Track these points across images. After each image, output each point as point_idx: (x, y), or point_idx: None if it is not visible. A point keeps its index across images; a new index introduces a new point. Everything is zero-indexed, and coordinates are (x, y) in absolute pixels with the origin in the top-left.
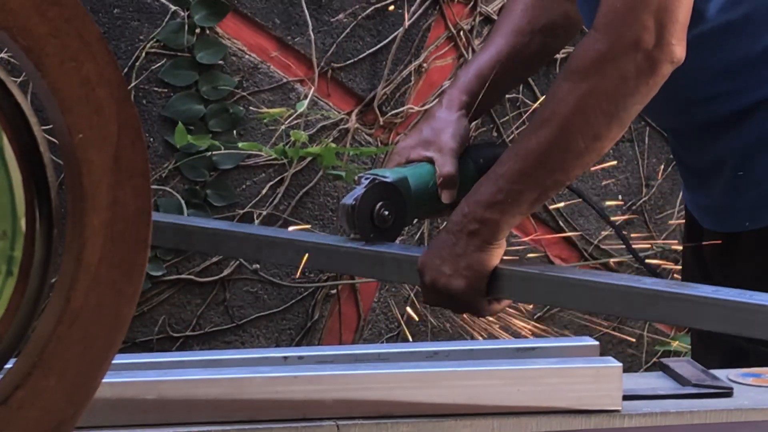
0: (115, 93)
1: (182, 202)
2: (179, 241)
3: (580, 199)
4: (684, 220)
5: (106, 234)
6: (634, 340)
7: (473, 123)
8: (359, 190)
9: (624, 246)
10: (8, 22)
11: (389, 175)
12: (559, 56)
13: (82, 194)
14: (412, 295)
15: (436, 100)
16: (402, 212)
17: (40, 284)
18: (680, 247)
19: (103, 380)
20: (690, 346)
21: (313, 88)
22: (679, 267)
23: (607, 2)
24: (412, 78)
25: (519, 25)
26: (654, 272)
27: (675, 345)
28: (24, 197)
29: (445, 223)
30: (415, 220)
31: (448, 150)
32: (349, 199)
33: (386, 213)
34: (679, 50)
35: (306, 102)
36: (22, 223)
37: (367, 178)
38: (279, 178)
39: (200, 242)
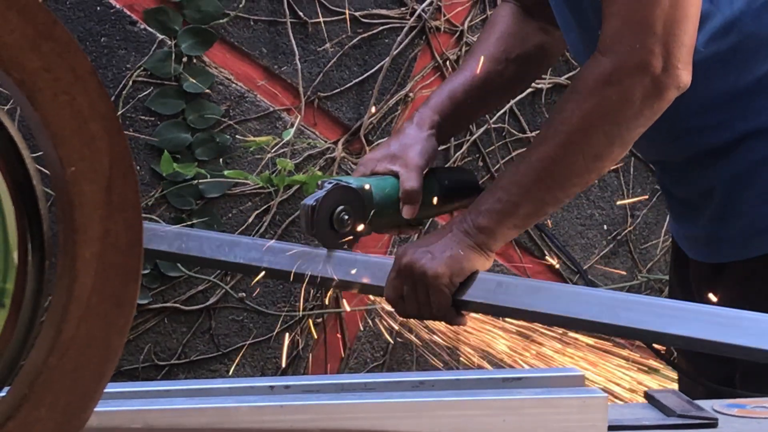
0: (108, 126)
1: None
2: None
3: (566, 228)
4: (670, 250)
5: (98, 266)
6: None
7: (458, 153)
8: (321, 193)
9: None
10: (1, 56)
11: (352, 181)
12: (544, 86)
13: (74, 226)
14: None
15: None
16: (361, 219)
17: (32, 316)
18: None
19: None
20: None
21: (299, 117)
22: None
23: (610, 26)
24: (399, 107)
25: (493, 53)
26: None
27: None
28: (16, 230)
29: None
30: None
31: (414, 166)
32: (310, 200)
33: (346, 217)
34: (685, 75)
35: (292, 130)
36: (15, 255)
37: (330, 182)
38: (265, 206)
39: (160, 241)
